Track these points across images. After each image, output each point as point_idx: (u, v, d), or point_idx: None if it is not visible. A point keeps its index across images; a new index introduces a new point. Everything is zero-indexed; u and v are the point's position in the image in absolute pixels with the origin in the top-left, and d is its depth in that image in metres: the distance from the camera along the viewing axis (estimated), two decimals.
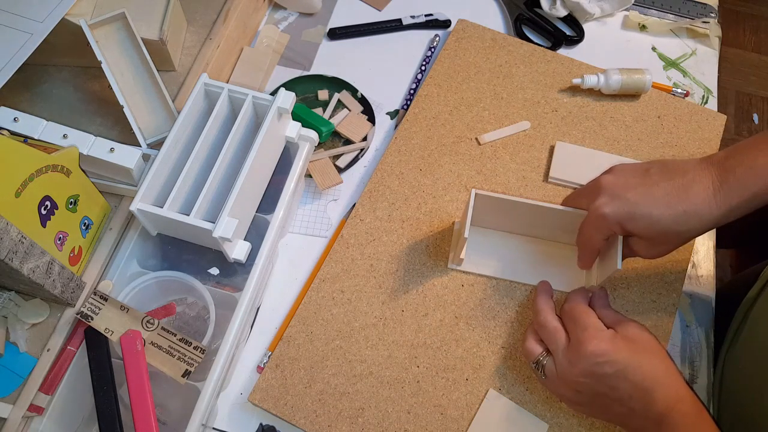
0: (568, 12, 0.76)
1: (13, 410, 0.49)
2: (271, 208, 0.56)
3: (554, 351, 0.50)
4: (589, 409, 0.50)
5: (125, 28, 0.59)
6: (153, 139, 0.60)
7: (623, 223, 0.48)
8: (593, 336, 0.47)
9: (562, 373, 0.49)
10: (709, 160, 0.48)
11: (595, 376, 0.47)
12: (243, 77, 0.70)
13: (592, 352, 0.47)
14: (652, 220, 0.47)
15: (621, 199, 0.48)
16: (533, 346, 0.52)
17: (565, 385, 0.49)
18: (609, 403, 0.47)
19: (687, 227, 0.47)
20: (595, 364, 0.46)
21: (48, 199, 0.49)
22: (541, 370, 0.51)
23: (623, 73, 0.67)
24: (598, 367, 0.46)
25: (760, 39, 1.94)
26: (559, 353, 0.49)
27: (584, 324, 0.49)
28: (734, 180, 0.46)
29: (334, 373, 0.54)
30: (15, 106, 0.54)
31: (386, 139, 0.69)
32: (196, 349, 0.50)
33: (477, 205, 0.54)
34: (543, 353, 0.51)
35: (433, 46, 0.74)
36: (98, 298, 0.51)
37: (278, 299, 0.59)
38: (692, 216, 0.47)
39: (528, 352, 0.52)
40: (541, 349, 0.51)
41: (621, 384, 0.46)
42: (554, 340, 0.50)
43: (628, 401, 0.46)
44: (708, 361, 0.58)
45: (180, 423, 0.48)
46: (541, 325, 0.52)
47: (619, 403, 0.47)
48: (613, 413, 0.48)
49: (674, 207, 0.47)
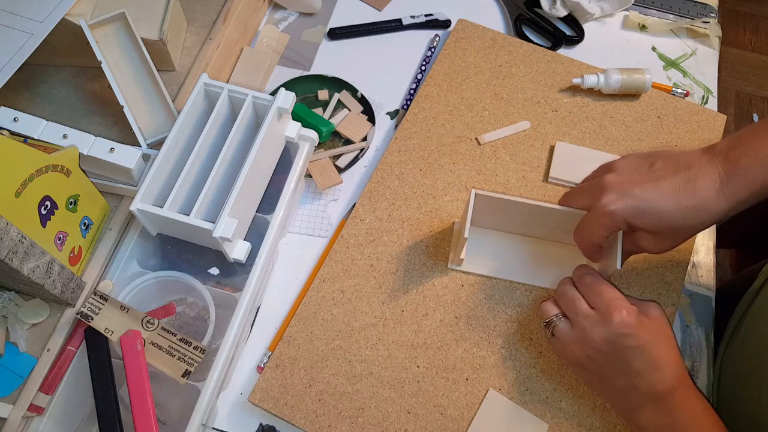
0: (568, 12, 0.76)
1: (13, 410, 0.49)
2: (271, 208, 0.56)
3: (573, 315, 0.50)
4: (592, 376, 0.51)
5: (125, 28, 0.59)
6: (153, 139, 0.60)
7: (630, 220, 0.48)
8: (622, 306, 0.48)
9: (580, 337, 0.49)
10: (712, 150, 0.48)
11: (615, 345, 0.47)
12: (243, 77, 0.70)
13: (620, 322, 0.47)
14: (661, 216, 0.47)
15: (629, 196, 0.48)
16: (549, 306, 0.52)
17: (580, 348, 0.49)
18: (615, 374, 0.48)
19: (696, 221, 0.48)
20: (619, 335, 0.47)
21: (48, 199, 0.49)
22: (551, 330, 0.52)
23: (623, 73, 0.67)
24: (621, 339, 0.47)
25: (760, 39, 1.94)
26: (579, 318, 0.50)
27: (611, 295, 0.49)
28: (741, 172, 0.46)
29: (334, 373, 0.54)
30: (15, 106, 0.54)
31: (386, 139, 0.69)
32: (196, 349, 0.50)
33: (477, 205, 0.54)
34: (558, 315, 0.52)
35: (433, 46, 0.74)
36: (98, 298, 0.51)
37: (278, 299, 0.59)
38: (701, 210, 0.47)
39: (543, 311, 0.53)
40: (557, 311, 0.52)
41: (635, 359, 0.47)
42: (574, 307, 0.51)
43: (635, 377, 0.47)
44: (708, 361, 0.58)
45: (180, 423, 0.48)
46: (560, 294, 0.52)
47: (625, 377, 0.48)
48: (614, 386, 0.49)
49: (682, 202, 0.47)
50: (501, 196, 0.54)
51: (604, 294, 0.49)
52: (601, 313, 0.49)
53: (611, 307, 0.48)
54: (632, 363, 0.47)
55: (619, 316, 0.47)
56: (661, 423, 0.47)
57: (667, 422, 0.47)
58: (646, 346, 0.47)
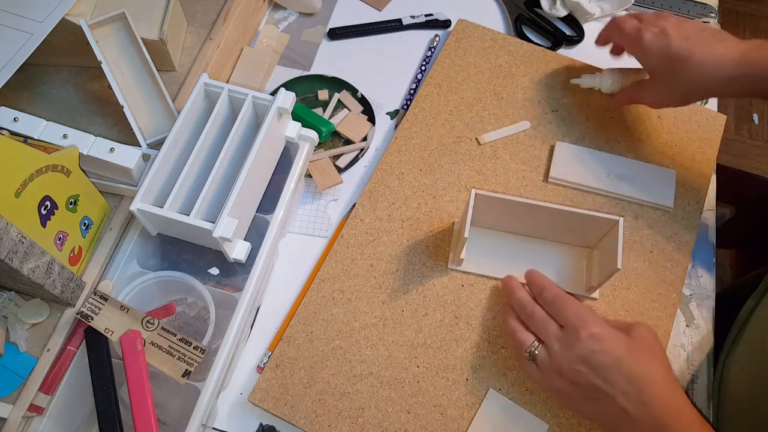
0: (568, 12, 0.76)
1: (13, 410, 0.49)
2: (271, 208, 0.56)
3: (546, 339, 0.49)
4: (583, 405, 0.48)
5: (125, 28, 0.59)
6: (153, 139, 0.60)
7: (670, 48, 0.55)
8: (588, 321, 0.47)
9: (557, 362, 0.47)
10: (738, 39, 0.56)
11: (591, 364, 0.46)
12: (243, 77, 0.70)
13: (588, 335, 0.46)
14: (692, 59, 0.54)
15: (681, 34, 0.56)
16: (525, 335, 0.51)
17: (560, 376, 0.47)
18: (603, 398, 0.46)
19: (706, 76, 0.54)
20: (592, 352, 0.46)
21: (48, 199, 0.49)
22: (533, 361, 0.50)
23: (622, 73, 0.67)
24: (595, 356, 0.45)
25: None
26: (552, 341, 0.48)
27: (575, 311, 0.48)
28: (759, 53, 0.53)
29: (334, 373, 0.54)
30: (15, 106, 0.54)
31: (386, 139, 0.69)
32: (196, 349, 0.50)
33: (477, 205, 0.54)
34: (535, 342, 0.50)
35: (433, 46, 0.74)
36: (98, 298, 0.51)
37: (278, 299, 0.59)
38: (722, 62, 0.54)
39: (520, 342, 0.51)
40: (533, 338, 0.50)
41: (615, 377, 0.45)
42: (545, 329, 0.49)
43: (623, 399, 0.45)
44: (708, 361, 0.58)
45: (180, 423, 0.48)
46: (529, 315, 0.51)
47: (613, 400, 0.45)
48: (608, 413, 0.46)
49: (714, 49, 0.54)
50: (501, 195, 0.54)
51: (569, 308, 0.48)
52: (569, 330, 0.47)
53: (577, 324, 0.47)
54: (613, 382, 0.45)
55: (585, 330, 0.46)
56: None
57: None
58: (622, 360, 0.45)
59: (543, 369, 0.49)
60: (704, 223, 0.64)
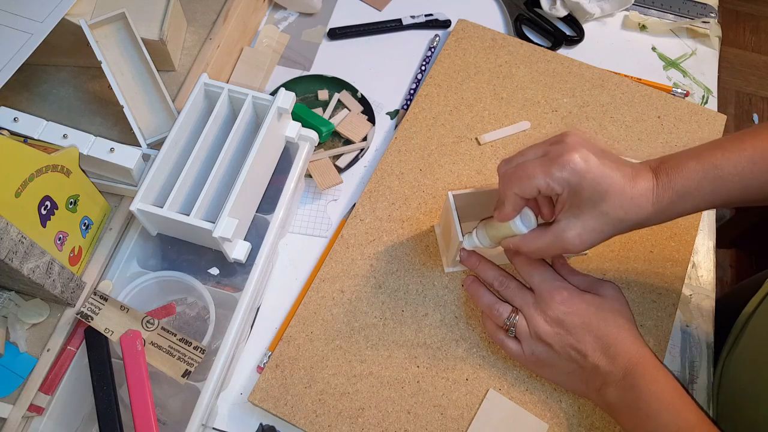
0: (568, 12, 0.76)
1: (13, 410, 0.49)
2: (271, 208, 0.56)
3: (521, 306, 0.51)
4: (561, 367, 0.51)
5: (125, 28, 0.59)
6: (153, 139, 0.60)
7: (577, 181, 0.44)
8: (557, 284, 0.50)
9: (534, 326, 0.50)
10: (647, 162, 0.48)
11: (565, 326, 0.49)
12: (243, 77, 0.70)
13: (560, 300, 0.49)
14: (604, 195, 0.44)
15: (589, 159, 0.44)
16: (502, 307, 0.52)
17: (538, 340, 0.50)
18: (578, 357, 0.49)
19: (627, 216, 0.45)
20: (564, 314, 0.49)
21: (48, 199, 0.49)
22: (513, 330, 0.52)
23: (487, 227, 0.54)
24: (567, 317, 0.49)
25: (760, 39, 1.94)
26: (529, 307, 0.51)
27: (544, 275, 0.51)
28: (666, 178, 0.45)
29: (334, 373, 0.54)
30: (15, 106, 0.54)
31: (386, 139, 0.69)
32: (196, 349, 0.50)
33: (458, 205, 0.53)
34: (512, 312, 0.51)
35: (433, 46, 0.74)
36: (98, 298, 0.51)
37: (278, 299, 0.59)
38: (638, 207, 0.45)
39: (497, 313, 0.52)
40: (510, 308, 0.52)
41: (586, 336, 0.48)
42: (520, 296, 0.52)
43: (593, 355, 0.48)
44: (708, 361, 0.58)
45: (180, 423, 0.48)
46: (505, 286, 0.53)
47: (585, 358, 0.48)
48: (583, 370, 0.49)
49: (627, 190, 0.44)
50: (478, 189, 0.54)
51: (536, 275, 0.51)
52: (541, 295, 0.50)
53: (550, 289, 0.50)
54: (584, 341, 0.48)
55: (556, 295, 0.49)
56: (626, 399, 0.47)
57: (631, 397, 0.47)
58: (590, 321, 0.48)
59: (522, 337, 0.51)
60: (704, 224, 0.64)
